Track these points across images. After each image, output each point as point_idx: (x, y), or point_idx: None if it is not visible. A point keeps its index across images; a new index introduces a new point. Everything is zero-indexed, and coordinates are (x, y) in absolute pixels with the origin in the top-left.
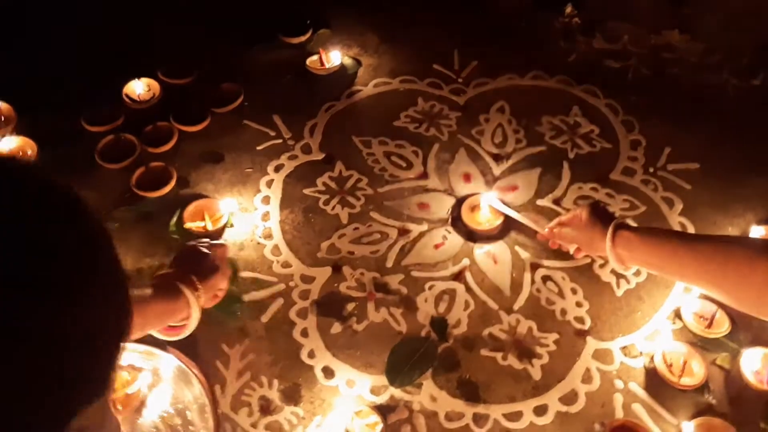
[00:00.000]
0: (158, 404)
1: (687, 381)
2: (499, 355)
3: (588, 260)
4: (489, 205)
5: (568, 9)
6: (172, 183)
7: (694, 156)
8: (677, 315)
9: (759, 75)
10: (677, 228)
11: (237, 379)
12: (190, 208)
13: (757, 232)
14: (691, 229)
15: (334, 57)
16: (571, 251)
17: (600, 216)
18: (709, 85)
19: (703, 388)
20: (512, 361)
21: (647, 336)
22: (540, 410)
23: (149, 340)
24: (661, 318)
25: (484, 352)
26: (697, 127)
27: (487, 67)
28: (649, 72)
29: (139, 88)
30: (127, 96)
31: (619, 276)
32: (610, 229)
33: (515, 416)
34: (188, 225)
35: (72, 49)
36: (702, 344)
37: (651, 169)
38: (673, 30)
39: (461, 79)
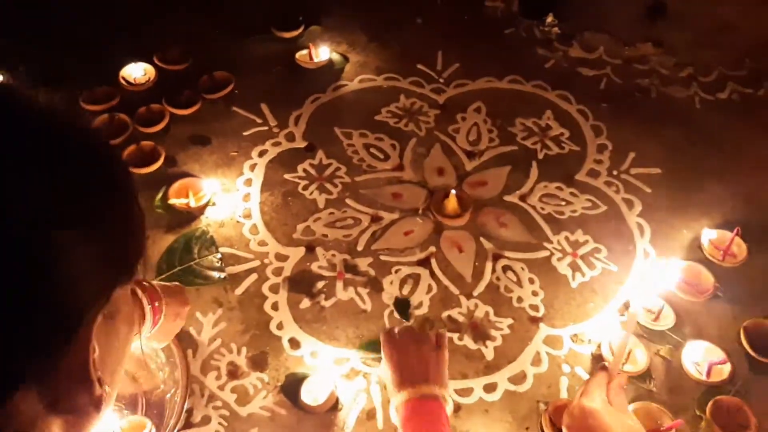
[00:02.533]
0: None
1: (630, 368)
2: (455, 336)
3: (548, 253)
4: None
5: (549, 18)
6: (161, 161)
7: (656, 162)
8: (627, 307)
9: (725, 89)
10: (633, 228)
11: (208, 345)
12: (176, 186)
13: (708, 234)
14: (646, 231)
15: (323, 52)
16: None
17: None
18: (678, 97)
19: (645, 376)
20: (467, 341)
21: (597, 326)
22: (489, 387)
23: None
24: (611, 311)
25: (442, 332)
26: (662, 136)
27: (468, 69)
28: (621, 82)
29: (136, 71)
30: (123, 79)
31: (575, 269)
32: None
33: (466, 392)
34: (172, 201)
35: (73, 31)
36: (647, 335)
37: (615, 172)
38: (646, 43)
39: (443, 79)
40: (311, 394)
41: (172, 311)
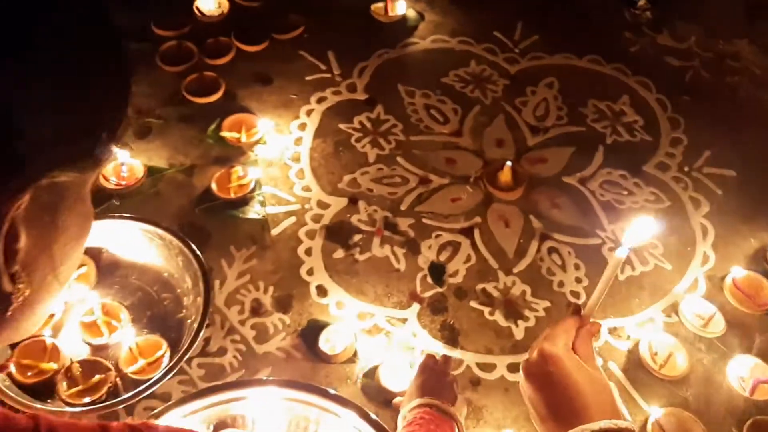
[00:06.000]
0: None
1: (667, 372)
2: (487, 310)
3: (599, 241)
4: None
5: (642, 2)
6: (220, 93)
7: (732, 164)
8: (674, 310)
9: None
10: (696, 229)
11: (236, 279)
12: (230, 119)
13: None
14: (710, 234)
15: (400, 7)
16: None
17: None
18: (767, 100)
19: (683, 382)
20: (498, 317)
21: (639, 323)
22: (514, 367)
23: None
24: (657, 309)
25: (473, 303)
26: (743, 138)
27: (547, 43)
28: (708, 76)
29: (209, 3)
30: (198, 9)
31: (625, 262)
32: None
33: (488, 367)
34: (224, 134)
35: None
36: (692, 341)
37: (686, 168)
38: (743, 39)
39: (518, 50)
40: (329, 344)
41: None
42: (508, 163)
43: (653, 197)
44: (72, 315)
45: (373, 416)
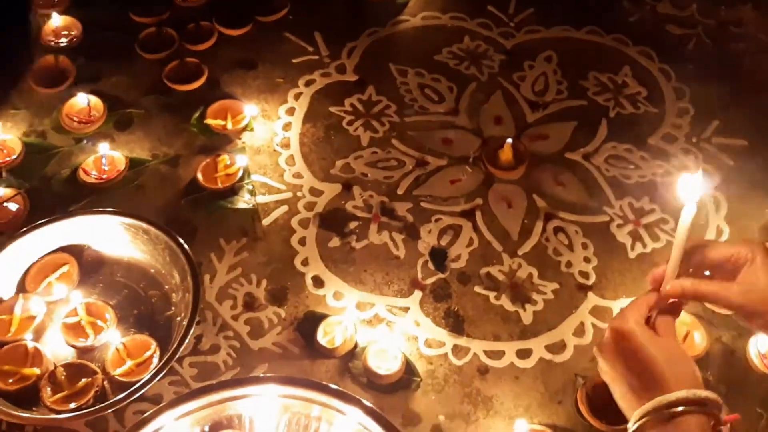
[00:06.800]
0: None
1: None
2: (492, 295)
3: (607, 218)
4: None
5: None
6: (203, 80)
7: (743, 133)
8: None
9: None
10: (708, 201)
11: (227, 273)
12: (215, 106)
13: None
14: (723, 206)
15: None
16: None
17: None
18: None
19: (701, 362)
20: (505, 302)
21: None
22: (523, 353)
23: None
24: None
25: (478, 289)
26: (753, 106)
27: (543, 15)
28: (711, 43)
29: None
30: None
31: (635, 239)
32: None
33: (496, 354)
34: (209, 121)
35: None
36: (710, 319)
37: (694, 139)
38: (746, 5)
39: (513, 24)
40: (328, 336)
41: None
42: (509, 140)
43: (661, 170)
44: (54, 317)
45: (379, 411)
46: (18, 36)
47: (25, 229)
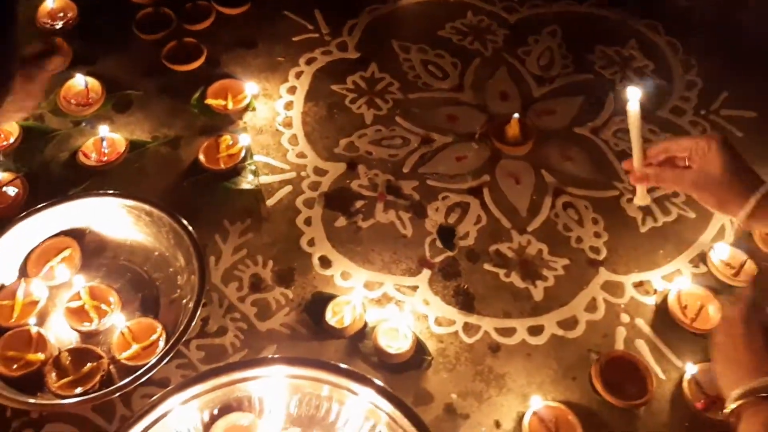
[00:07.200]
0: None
1: (699, 325)
2: (502, 272)
3: (616, 192)
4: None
5: None
6: (202, 60)
7: (752, 105)
8: (702, 260)
9: None
10: None
11: (232, 254)
12: (215, 86)
13: None
14: None
15: None
16: (641, 202)
17: (739, 170)
18: None
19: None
20: (515, 279)
21: (665, 275)
22: (535, 330)
23: None
24: (684, 260)
25: (487, 266)
26: (761, 77)
27: None
28: (718, 15)
29: None
30: None
31: (646, 213)
32: (754, 201)
33: (507, 332)
34: (210, 101)
35: None
36: (724, 291)
37: (703, 112)
38: None
39: None
40: (337, 316)
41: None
42: (516, 115)
43: None
44: (57, 301)
45: (391, 390)
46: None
47: (25, 213)
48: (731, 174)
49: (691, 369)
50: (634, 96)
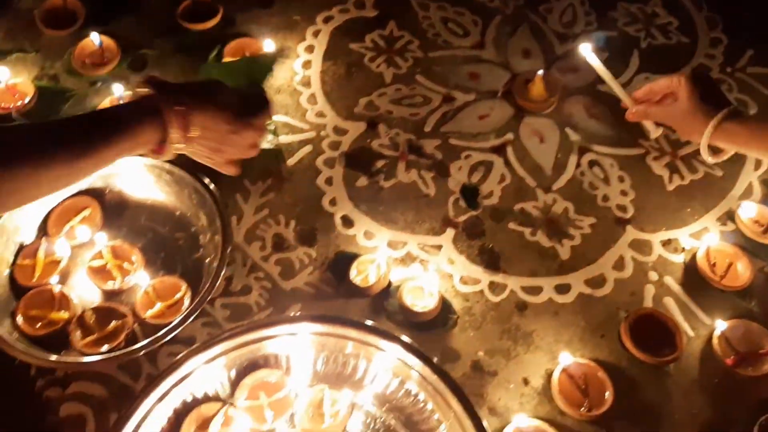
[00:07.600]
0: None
1: (728, 282)
2: (528, 230)
3: (642, 150)
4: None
5: None
6: (217, 19)
7: None
8: (730, 217)
9: None
10: None
11: (254, 214)
12: (232, 45)
13: None
14: None
15: None
16: (652, 134)
17: (704, 100)
18: None
19: (746, 293)
20: (541, 237)
21: (693, 233)
22: (562, 288)
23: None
24: (712, 218)
25: (512, 225)
26: None
27: None
28: None
29: None
30: None
31: (673, 171)
32: (714, 123)
33: (534, 290)
34: (227, 60)
35: None
36: (752, 249)
37: (728, 69)
38: None
39: None
40: (362, 275)
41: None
42: (540, 72)
43: None
44: (79, 261)
45: (418, 347)
46: None
47: None
48: (695, 103)
49: (720, 326)
50: (587, 51)
